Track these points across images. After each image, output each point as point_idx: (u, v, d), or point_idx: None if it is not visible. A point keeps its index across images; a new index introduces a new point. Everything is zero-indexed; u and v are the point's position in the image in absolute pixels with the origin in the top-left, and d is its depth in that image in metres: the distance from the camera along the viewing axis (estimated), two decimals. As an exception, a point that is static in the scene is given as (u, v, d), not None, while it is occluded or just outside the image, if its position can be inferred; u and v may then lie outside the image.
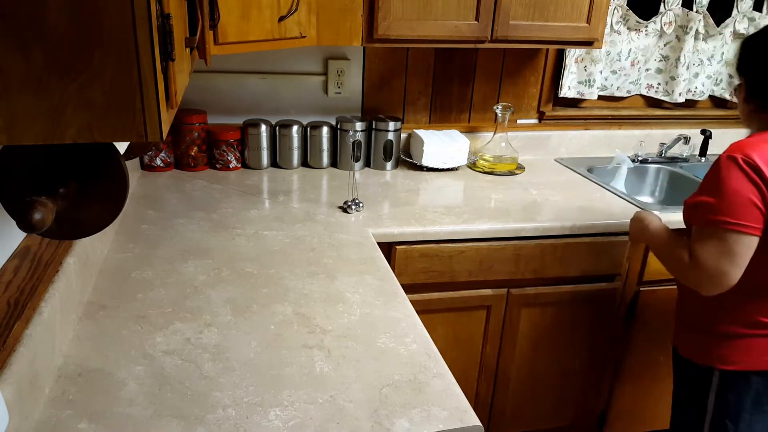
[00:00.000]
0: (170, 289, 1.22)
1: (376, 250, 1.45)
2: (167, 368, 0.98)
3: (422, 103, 2.15)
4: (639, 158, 2.28)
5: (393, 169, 2.07)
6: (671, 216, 1.77)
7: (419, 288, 1.65)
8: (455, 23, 1.71)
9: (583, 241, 1.71)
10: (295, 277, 1.30)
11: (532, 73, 2.19)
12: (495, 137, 2.10)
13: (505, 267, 1.69)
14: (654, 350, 1.97)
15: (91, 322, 1.10)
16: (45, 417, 0.87)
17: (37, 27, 0.52)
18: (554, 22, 1.78)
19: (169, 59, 0.61)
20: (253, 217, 1.61)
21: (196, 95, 1.98)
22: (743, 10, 2.26)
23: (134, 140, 0.58)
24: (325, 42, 1.66)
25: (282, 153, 2.01)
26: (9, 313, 0.87)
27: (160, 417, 0.88)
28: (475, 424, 0.90)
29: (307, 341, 1.07)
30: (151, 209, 1.62)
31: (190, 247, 1.41)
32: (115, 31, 0.54)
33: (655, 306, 1.89)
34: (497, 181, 2.00)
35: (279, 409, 0.90)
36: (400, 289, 1.27)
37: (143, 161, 1.92)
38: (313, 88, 2.06)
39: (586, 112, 2.30)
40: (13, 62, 0.52)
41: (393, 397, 0.94)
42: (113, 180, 0.72)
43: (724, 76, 2.40)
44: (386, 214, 1.67)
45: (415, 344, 1.08)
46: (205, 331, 1.09)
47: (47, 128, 0.55)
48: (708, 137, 2.33)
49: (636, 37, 2.23)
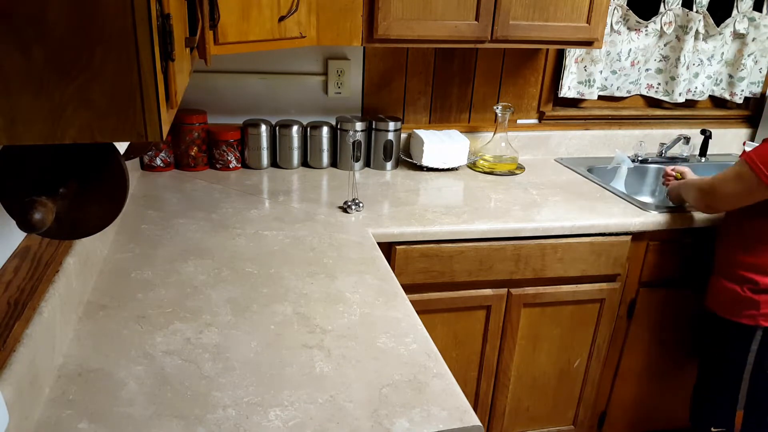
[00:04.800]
0: (170, 289, 1.22)
1: (376, 250, 1.45)
2: (167, 368, 0.98)
3: (422, 103, 2.15)
4: (639, 158, 2.28)
5: (393, 169, 2.07)
6: (671, 216, 1.77)
7: (419, 288, 1.65)
8: (455, 23, 1.71)
9: (583, 241, 1.71)
10: (295, 277, 1.30)
11: (532, 73, 2.19)
12: (495, 137, 2.10)
13: (505, 267, 1.69)
14: (654, 350, 1.97)
15: (91, 322, 1.10)
16: (45, 417, 0.87)
17: (37, 27, 0.52)
18: (554, 22, 1.78)
19: (169, 59, 0.61)
20: (253, 217, 1.61)
21: (196, 95, 1.98)
22: (743, 10, 2.26)
23: (134, 140, 0.58)
24: (325, 42, 1.66)
25: (282, 153, 2.01)
26: (9, 313, 0.87)
27: (160, 417, 0.88)
28: (475, 424, 0.90)
29: (307, 341, 1.07)
30: (151, 209, 1.62)
31: (190, 247, 1.41)
32: (115, 31, 0.54)
33: (655, 306, 1.89)
34: (497, 181, 2.00)
35: (279, 409, 0.90)
36: (400, 289, 1.27)
37: (143, 161, 1.92)
38: (313, 88, 2.06)
39: (586, 112, 2.30)
40: (13, 62, 0.52)
41: (393, 397, 0.94)
42: (113, 180, 0.72)
43: (724, 76, 2.40)
44: (386, 214, 1.67)
45: (415, 344, 1.08)
46: (205, 331, 1.09)
47: (47, 128, 0.55)
48: (708, 137, 2.33)
49: (636, 37, 2.23)
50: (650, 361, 1.98)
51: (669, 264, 1.84)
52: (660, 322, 1.93)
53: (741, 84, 2.36)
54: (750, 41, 2.30)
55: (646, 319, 1.91)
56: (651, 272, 1.83)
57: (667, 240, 1.80)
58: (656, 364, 1.99)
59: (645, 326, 1.92)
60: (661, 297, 1.88)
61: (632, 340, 1.93)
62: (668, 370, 2.02)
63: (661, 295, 1.88)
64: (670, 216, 1.77)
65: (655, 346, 1.96)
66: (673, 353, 1.99)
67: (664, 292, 1.88)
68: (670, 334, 1.96)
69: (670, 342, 1.97)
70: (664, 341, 1.97)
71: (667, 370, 2.02)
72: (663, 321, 1.93)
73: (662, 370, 2.01)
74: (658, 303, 1.89)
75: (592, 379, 1.94)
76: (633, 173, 2.23)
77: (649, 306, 1.89)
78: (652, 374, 2.01)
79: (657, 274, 1.84)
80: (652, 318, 1.91)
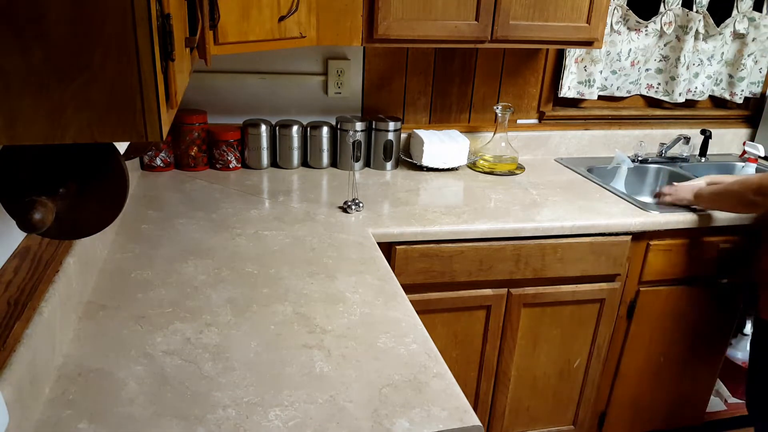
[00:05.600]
0: (170, 289, 1.22)
1: (376, 250, 1.45)
2: (167, 368, 0.98)
3: (422, 103, 2.15)
4: (639, 158, 2.28)
5: (393, 169, 2.07)
6: (671, 216, 1.77)
7: (419, 288, 1.65)
8: (455, 23, 1.71)
9: (583, 241, 1.71)
10: (295, 276, 1.30)
11: (532, 73, 2.19)
12: (495, 137, 2.10)
13: (505, 267, 1.69)
14: (654, 350, 1.97)
15: (91, 322, 1.10)
16: (45, 417, 0.87)
17: (37, 27, 0.52)
18: (554, 22, 1.78)
19: (169, 59, 0.61)
20: (253, 217, 1.61)
21: (196, 95, 1.98)
22: (743, 10, 2.26)
23: (134, 140, 0.58)
24: (325, 42, 1.66)
25: (282, 153, 2.01)
26: (9, 313, 0.87)
27: (160, 417, 0.88)
28: (475, 424, 0.90)
29: (307, 341, 1.07)
30: (151, 209, 1.62)
31: (190, 247, 1.41)
32: (115, 31, 0.54)
33: (655, 306, 1.89)
34: (497, 181, 2.00)
35: (279, 409, 0.90)
36: (400, 289, 1.27)
37: (143, 161, 1.92)
38: (313, 88, 2.06)
39: (586, 112, 2.30)
40: (13, 62, 0.52)
41: (393, 397, 0.94)
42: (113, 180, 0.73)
43: (724, 76, 2.40)
44: (386, 214, 1.67)
45: (415, 344, 1.08)
46: (205, 331, 1.09)
47: (47, 128, 0.55)
48: (708, 137, 2.33)
49: (636, 37, 2.23)
50: (650, 361, 1.98)
51: (669, 264, 1.84)
52: (660, 322, 1.93)
53: (741, 84, 2.36)
54: (750, 41, 2.30)
55: (646, 319, 1.91)
56: (651, 272, 1.83)
57: (667, 240, 1.80)
58: (656, 364, 1.99)
59: (645, 326, 1.92)
60: (661, 297, 1.88)
61: (632, 340, 1.93)
62: (668, 370, 2.02)
63: (661, 295, 1.88)
64: (669, 216, 1.77)
65: (655, 346, 1.96)
66: (673, 353, 1.99)
67: (664, 292, 1.88)
68: (670, 334, 1.96)
69: (670, 342, 1.97)
70: (664, 341, 1.97)
71: (667, 370, 2.02)
72: (663, 321, 1.93)
73: (662, 370, 2.01)
74: (658, 303, 1.89)
75: (592, 379, 1.94)
76: (633, 173, 2.23)
77: (649, 306, 1.89)
78: (652, 374, 2.01)
79: (657, 274, 1.84)
80: (652, 318, 1.91)
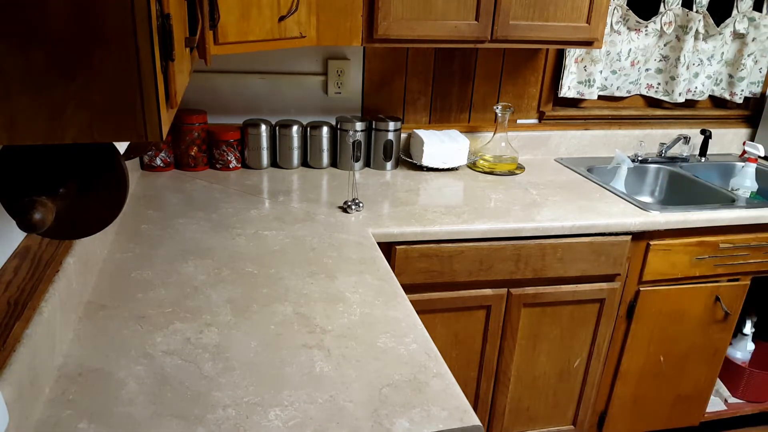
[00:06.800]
0: (170, 289, 1.22)
1: (376, 250, 1.45)
2: (167, 368, 0.98)
3: (422, 103, 2.15)
4: (639, 158, 2.28)
5: (393, 169, 2.07)
6: (671, 216, 1.77)
7: (419, 288, 1.65)
8: (455, 23, 1.71)
9: (583, 241, 1.71)
10: (295, 276, 1.30)
11: (532, 73, 2.19)
12: (495, 137, 2.10)
13: (505, 267, 1.69)
14: (654, 350, 1.97)
15: (91, 322, 1.10)
16: (45, 417, 0.87)
17: (37, 27, 0.52)
18: (554, 22, 1.78)
19: (169, 59, 0.61)
20: (253, 217, 1.61)
21: (196, 95, 1.98)
22: (743, 10, 2.26)
23: (134, 140, 0.58)
24: (325, 42, 1.66)
25: (282, 153, 2.01)
26: (9, 313, 0.87)
27: (160, 417, 0.88)
28: (475, 424, 0.90)
29: (307, 341, 1.07)
30: (151, 209, 1.62)
31: (190, 247, 1.41)
32: (115, 31, 0.54)
33: (655, 306, 1.89)
34: (497, 181, 2.00)
35: (279, 409, 0.90)
36: (400, 289, 1.27)
37: (143, 161, 1.92)
38: (313, 88, 2.06)
39: (586, 112, 2.30)
40: (13, 62, 0.52)
41: (393, 397, 0.94)
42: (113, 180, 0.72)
43: (724, 76, 2.40)
44: (386, 214, 1.67)
45: (415, 344, 1.08)
46: (205, 331, 1.09)
47: (47, 128, 0.55)
48: (708, 137, 2.33)
49: (636, 37, 2.23)
50: (650, 361, 1.98)
51: (669, 264, 1.84)
52: (660, 322, 1.93)
53: (741, 84, 2.36)
54: (750, 41, 2.30)
55: (646, 319, 1.91)
56: (651, 272, 1.83)
57: (667, 240, 1.80)
58: (656, 364, 1.99)
59: (645, 326, 1.92)
60: (661, 297, 1.88)
61: (632, 340, 1.93)
62: (668, 370, 2.02)
63: (661, 295, 1.88)
64: (669, 216, 1.77)
65: (655, 346, 1.96)
66: (673, 353, 1.99)
67: (664, 292, 1.88)
68: (670, 334, 1.96)
69: (670, 342, 1.97)
70: (664, 341, 1.97)
71: (667, 370, 2.02)
72: (663, 321, 1.93)
73: (662, 370, 2.01)
74: (658, 303, 1.89)
75: (592, 379, 1.94)
76: (633, 173, 2.23)
77: (649, 306, 1.89)
78: (652, 374, 2.01)
79: (657, 274, 1.84)
80: (652, 318, 1.91)
